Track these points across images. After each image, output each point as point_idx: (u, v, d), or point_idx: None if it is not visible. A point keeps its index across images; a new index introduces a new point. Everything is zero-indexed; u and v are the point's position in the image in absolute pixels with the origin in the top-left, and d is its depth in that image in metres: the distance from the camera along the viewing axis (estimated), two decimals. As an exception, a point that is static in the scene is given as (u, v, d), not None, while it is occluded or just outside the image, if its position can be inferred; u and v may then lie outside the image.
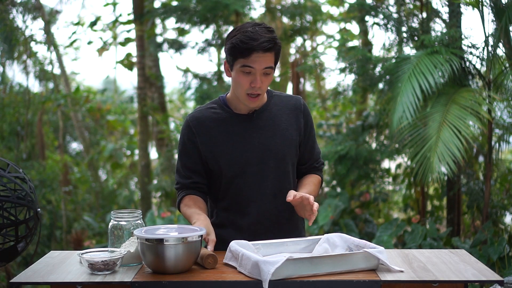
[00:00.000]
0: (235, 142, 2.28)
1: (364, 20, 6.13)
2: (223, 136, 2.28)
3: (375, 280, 1.87)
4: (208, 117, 2.31)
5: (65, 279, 1.92)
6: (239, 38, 2.15)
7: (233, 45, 2.17)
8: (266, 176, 2.28)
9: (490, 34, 4.45)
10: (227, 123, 2.29)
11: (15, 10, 7.29)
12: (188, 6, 6.53)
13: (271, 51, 2.17)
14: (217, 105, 2.34)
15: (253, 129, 2.29)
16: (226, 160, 2.27)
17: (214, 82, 7.02)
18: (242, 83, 2.20)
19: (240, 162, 2.27)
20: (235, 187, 2.29)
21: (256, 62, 2.15)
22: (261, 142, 2.28)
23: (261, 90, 2.20)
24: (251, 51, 2.14)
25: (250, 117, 2.30)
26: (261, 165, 2.27)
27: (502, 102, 4.78)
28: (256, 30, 2.16)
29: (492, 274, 1.92)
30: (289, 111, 2.34)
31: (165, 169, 7.46)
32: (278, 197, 2.28)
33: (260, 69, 2.17)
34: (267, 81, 2.21)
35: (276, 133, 2.30)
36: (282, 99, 2.37)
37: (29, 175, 6.13)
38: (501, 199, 5.24)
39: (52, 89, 9.03)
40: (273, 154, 2.28)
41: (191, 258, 1.97)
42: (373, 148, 5.85)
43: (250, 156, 2.27)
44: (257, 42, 2.13)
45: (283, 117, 2.33)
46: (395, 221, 5.19)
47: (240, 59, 2.17)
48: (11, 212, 2.31)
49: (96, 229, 7.64)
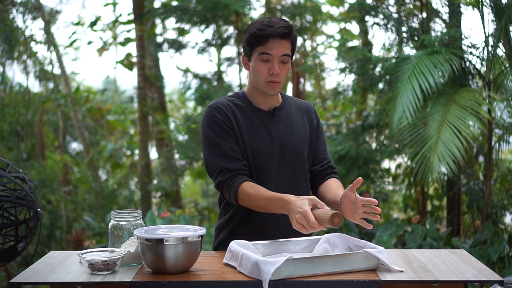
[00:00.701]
0: (259, 134, 2.28)
1: (364, 20, 6.13)
2: (248, 126, 2.28)
3: (375, 280, 1.87)
4: (233, 106, 2.31)
5: (65, 279, 1.92)
6: (256, 27, 2.21)
7: (250, 34, 2.21)
8: (284, 171, 2.29)
9: (490, 34, 4.45)
10: (250, 115, 2.30)
11: (15, 10, 7.30)
12: (188, 6, 6.53)
13: (287, 38, 2.21)
14: (238, 98, 2.35)
15: (273, 124, 2.31)
16: (252, 150, 2.26)
17: (214, 82, 7.02)
18: (261, 71, 2.22)
19: (263, 154, 2.27)
20: (256, 180, 2.26)
21: (273, 48, 2.19)
22: (281, 137, 2.30)
23: (279, 77, 2.22)
24: (268, 37, 2.18)
25: (271, 113, 2.32)
26: (280, 160, 2.29)
27: (502, 102, 4.78)
28: (272, 19, 2.22)
29: (492, 274, 1.92)
30: (303, 112, 2.39)
31: (165, 169, 7.46)
32: (294, 193, 2.19)
33: (278, 55, 2.20)
34: (285, 69, 2.24)
35: (293, 130, 2.33)
36: (294, 101, 2.43)
37: (29, 175, 6.14)
38: (501, 199, 5.24)
39: (52, 89, 9.03)
40: (292, 149, 2.30)
41: (191, 258, 1.96)
42: (373, 148, 5.85)
43: (271, 149, 2.28)
44: (273, 28, 2.18)
45: (298, 117, 2.37)
46: (395, 221, 5.19)
47: (257, 47, 2.21)
48: (11, 212, 2.31)
49: (96, 229, 7.65)
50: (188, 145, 6.80)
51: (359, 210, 2.03)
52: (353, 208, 2.04)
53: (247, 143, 2.26)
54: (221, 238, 2.37)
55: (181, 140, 7.54)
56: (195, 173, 8.07)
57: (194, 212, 7.50)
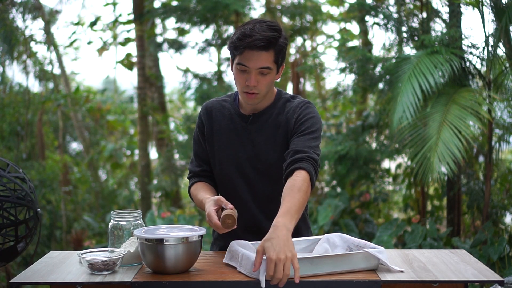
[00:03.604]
0: (232, 141, 2.26)
1: (364, 20, 6.14)
2: (223, 131, 2.27)
3: (375, 280, 1.87)
4: (217, 109, 2.30)
5: (65, 279, 1.91)
6: (237, 34, 2.12)
7: (231, 41, 2.14)
8: (258, 178, 2.24)
9: (490, 34, 4.45)
10: (230, 120, 2.27)
11: (15, 10, 7.29)
12: (188, 6, 6.53)
13: (266, 50, 2.08)
14: (230, 99, 2.33)
15: (248, 131, 2.25)
16: (221, 156, 2.26)
17: (214, 82, 7.02)
18: (239, 81, 2.16)
19: (232, 161, 2.25)
20: (229, 185, 2.27)
21: (250, 60, 2.09)
22: (254, 144, 2.24)
23: (257, 89, 2.14)
24: (243, 48, 2.08)
25: (247, 118, 2.26)
26: (253, 167, 2.24)
27: (502, 102, 4.78)
28: (256, 27, 2.09)
29: (492, 274, 1.92)
30: (288, 113, 2.23)
31: (165, 169, 7.46)
32: (273, 201, 2.16)
33: (254, 68, 2.10)
34: (265, 81, 2.13)
35: (269, 138, 2.22)
36: (287, 103, 2.26)
37: (29, 175, 6.14)
38: (501, 199, 5.24)
39: (52, 89, 9.02)
40: (265, 156, 2.22)
41: (191, 258, 1.96)
42: (373, 148, 5.85)
43: (242, 157, 2.24)
44: (250, 39, 2.06)
45: (281, 120, 2.22)
46: (395, 221, 5.19)
47: (236, 56, 2.13)
48: (11, 212, 2.31)
49: (96, 229, 7.64)
50: (188, 145, 6.80)
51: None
52: None
53: (217, 148, 2.27)
54: (214, 236, 2.41)
55: (181, 140, 7.54)
56: (195, 173, 8.05)
57: (194, 212, 7.49)
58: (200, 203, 2.21)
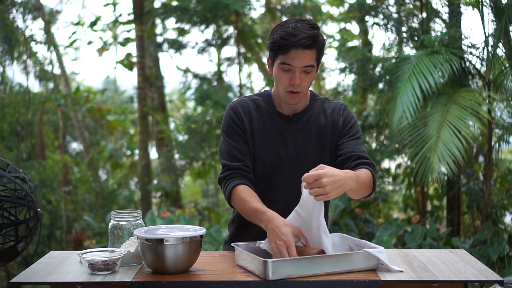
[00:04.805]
0: (272, 140, 2.25)
1: (364, 20, 6.14)
2: (262, 130, 2.26)
3: (375, 280, 1.87)
4: (253, 107, 2.29)
5: (65, 279, 1.92)
6: (280, 33, 2.12)
7: (273, 41, 2.14)
8: (296, 179, 2.18)
9: (490, 34, 4.45)
10: (268, 119, 2.27)
11: (15, 10, 7.29)
12: (188, 6, 6.53)
13: (311, 48, 2.11)
14: (262, 98, 2.32)
15: (290, 131, 2.26)
16: (261, 155, 2.25)
17: (214, 82, 7.02)
18: (282, 80, 2.17)
19: (273, 160, 2.24)
20: (264, 184, 2.25)
21: (295, 59, 2.11)
22: (296, 144, 2.25)
23: (300, 88, 2.16)
24: (289, 47, 2.10)
25: (289, 118, 2.27)
26: (293, 167, 2.24)
27: (502, 102, 4.78)
28: (298, 26, 2.11)
29: (492, 274, 1.92)
30: (329, 115, 2.28)
31: (165, 169, 7.46)
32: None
33: (299, 66, 2.12)
34: (308, 79, 2.16)
35: (311, 138, 2.25)
36: (324, 104, 2.32)
37: (29, 175, 6.14)
38: (501, 199, 5.24)
39: (52, 89, 9.03)
40: (307, 157, 2.24)
41: (191, 258, 1.97)
42: (373, 148, 5.85)
43: (283, 157, 2.24)
44: (296, 38, 2.09)
45: (322, 121, 2.27)
46: (395, 221, 5.19)
47: (280, 55, 2.14)
48: (11, 212, 2.31)
49: (96, 229, 7.64)
50: (188, 145, 6.80)
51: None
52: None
53: (257, 147, 2.25)
54: (230, 234, 2.39)
55: (181, 140, 7.54)
56: (195, 173, 8.07)
57: (194, 212, 7.49)
58: (254, 212, 2.11)
